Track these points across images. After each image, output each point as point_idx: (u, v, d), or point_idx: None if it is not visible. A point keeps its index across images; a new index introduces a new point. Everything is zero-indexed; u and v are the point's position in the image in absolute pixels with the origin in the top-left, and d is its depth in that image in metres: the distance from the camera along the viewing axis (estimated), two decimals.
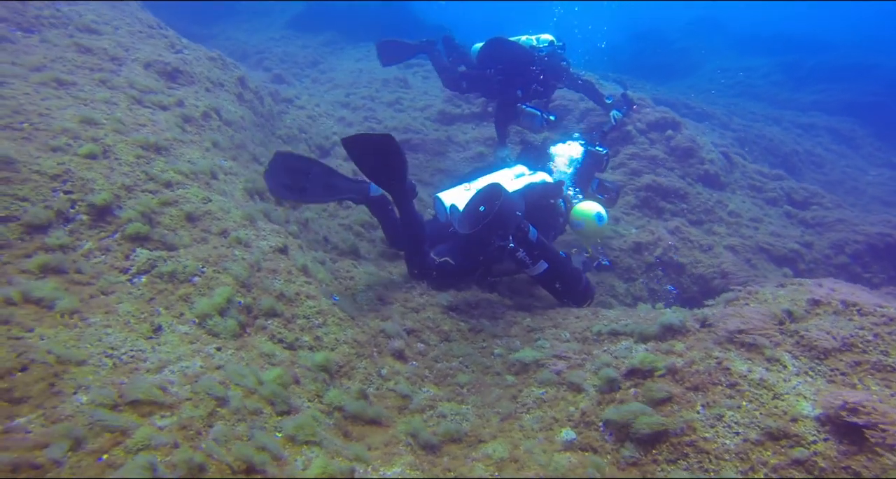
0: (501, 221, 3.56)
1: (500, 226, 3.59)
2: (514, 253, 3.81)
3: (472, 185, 4.22)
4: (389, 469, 2.07)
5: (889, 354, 2.27)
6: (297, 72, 10.30)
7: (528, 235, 3.83)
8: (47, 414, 1.75)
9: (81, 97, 3.81)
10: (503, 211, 3.52)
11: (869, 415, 1.87)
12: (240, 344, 2.54)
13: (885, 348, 2.30)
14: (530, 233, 3.86)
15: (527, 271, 3.94)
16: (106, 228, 2.92)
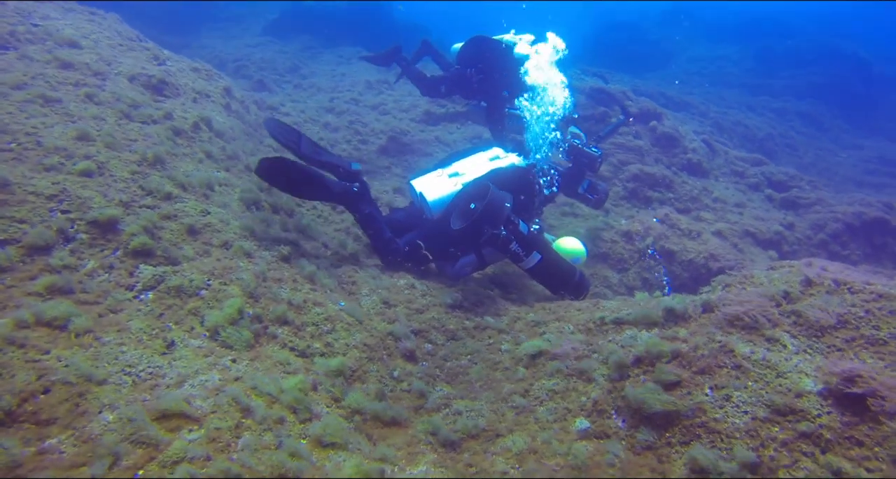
0: (491, 215, 3.79)
1: (490, 219, 3.81)
2: (507, 245, 3.92)
3: (445, 170, 4.28)
4: (415, 468, 2.12)
5: (880, 328, 2.39)
6: (276, 78, 10.23)
7: (518, 228, 3.96)
8: (77, 434, 1.76)
9: (68, 114, 3.77)
10: (491, 205, 3.76)
11: (868, 383, 1.97)
12: (253, 355, 2.56)
13: (876, 323, 2.41)
14: (521, 226, 3.98)
15: (520, 264, 4.05)
16: (107, 245, 2.90)
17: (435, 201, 4.09)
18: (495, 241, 3.89)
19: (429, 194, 4.09)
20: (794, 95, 15.03)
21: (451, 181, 4.22)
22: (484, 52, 6.11)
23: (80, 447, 1.70)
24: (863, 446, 1.91)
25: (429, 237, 4.12)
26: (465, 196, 4.04)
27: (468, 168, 4.35)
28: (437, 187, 4.16)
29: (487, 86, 6.24)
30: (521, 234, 3.95)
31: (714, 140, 8.41)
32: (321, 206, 5.05)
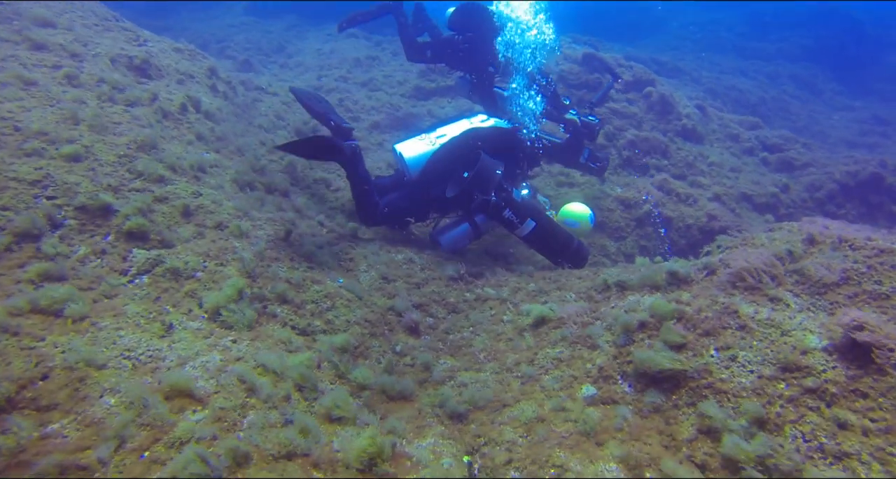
0: (481, 181, 3.87)
1: (481, 186, 3.89)
2: (500, 212, 3.94)
3: (429, 135, 4.26)
4: (423, 441, 2.11)
5: (882, 283, 2.38)
6: (262, 58, 9.98)
7: (511, 195, 3.97)
8: (80, 418, 1.73)
9: (47, 97, 3.64)
10: (481, 171, 3.83)
11: (874, 332, 1.97)
12: (254, 335, 2.52)
13: (878, 278, 2.40)
14: (514, 193, 3.98)
15: (515, 232, 4.05)
16: (97, 231, 2.84)
17: (411, 159, 4.07)
18: (486, 207, 3.90)
19: (406, 153, 4.09)
20: (788, 57, 14.86)
21: (428, 141, 4.21)
22: (474, 19, 5.91)
23: (83, 431, 1.67)
24: (867, 397, 1.91)
25: (409, 198, 4.12)
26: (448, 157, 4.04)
27: (452, 132, 4.29)
28: (414, 147, 4.15)
29: (475, 56, 6.05)
30: (513, 201, 3.96)
31: (708, 105, 8.32)
32: (315, 185, 4.97)
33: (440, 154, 4.07)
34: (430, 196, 4.13)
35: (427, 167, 4.08)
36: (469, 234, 4.18)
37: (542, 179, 5.97)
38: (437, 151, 4.09)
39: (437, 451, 2.03)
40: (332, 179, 5.14)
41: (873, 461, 1.75)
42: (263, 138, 5.52)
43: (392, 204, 4.07)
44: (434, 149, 4.11)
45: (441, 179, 4.08)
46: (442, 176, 4.07)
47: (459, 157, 4.05)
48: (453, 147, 4.10)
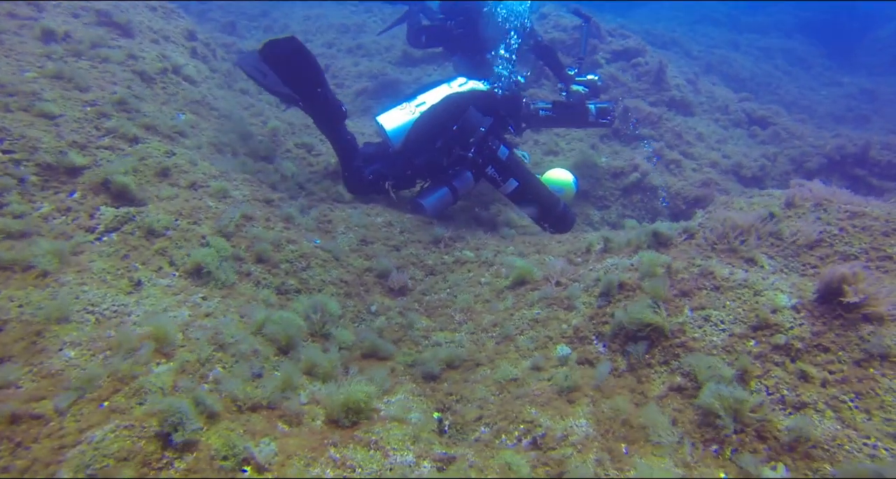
0: (462, 136, 3.90)
1: (461, 140, 3.92)
2: (482, 169, 3.97)
3: (410, 104, 4.19)
4: (393, 397, 2.10)
5: (853, 244, 2.38)
6: (245, 23, 9.63)
7: (496, 153, 3.97)
8: (36, 370, 1.69)
9: (1, 49, 3.47)
10: (464, 126, 3.88)
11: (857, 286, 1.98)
12: (225, 292, 2.48)
13: (848, 240, 2.41)
14: (500, 151, 3.99)
15: (499, 189, 4.10)
16: (61, 188, 2.74)
17: (392, 131, 3.99)
18: (463, 162, 3.92)
19: (387, 125, 4.01)
20: (783, 31, 14.69)
21: (409, 110, 4.13)
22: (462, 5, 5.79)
23: (39, 382, 1.63)
24: (828, 351, 1.93)
25: (393, 167, 4.07)
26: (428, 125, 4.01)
27: (432, 99, 4.19)
28: (395, 117, 4.07)
29: (467, 40, 5.95)
30: (497, 159, 3.96)
31: (698, 78, 8.23)
32: (296, 149, 4.86)
33: (420, 123, 4.02)
34: (415, 165, 4.08)
35: (409, 137, 4.03)
36: (448, 198, 4.15)
37: (528, 148, 5.89)
38: (416, 120, 4.03)
39: (406, 406, 2.03)
40: (315, 144, 5.03)
41: (827, 408, 1.78)
42: (245, 102, 5.37)
43: (377, 172, 4.02)
44: (414, 118, 4.05)
45: (423, 148, 4.04)
46: (424, 145, 4.03)
47: (439, 124, 4.01)
48: (432, 115, 4.05)
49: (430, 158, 4.08)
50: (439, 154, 4.05)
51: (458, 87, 4.34)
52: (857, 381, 1.82)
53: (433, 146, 4.03)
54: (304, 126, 5.51)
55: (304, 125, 5.54)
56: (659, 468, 1.78)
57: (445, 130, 3.98)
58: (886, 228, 2.42)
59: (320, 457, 1.53)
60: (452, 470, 1.61)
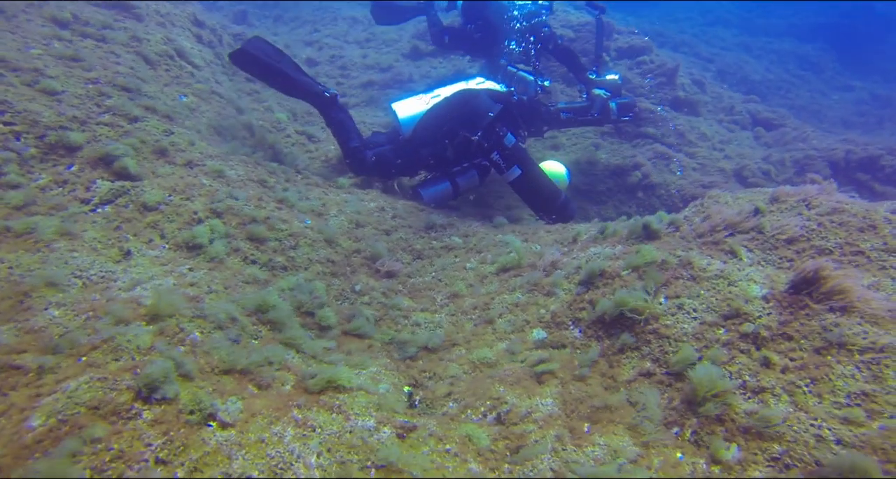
0: (469, 119, 3.97)
1: (468, 124, 3.97)
2: (488, 154, 4.02)
3: (426, 96, 4.31)
4: (364, 370, 2.16)
5: (828, 239, 2.40)
6: (256, 12, 9.74)
7: (503, 139, 4.01)
8: (20, 326, 1.76)
9: (8, 25, 3.56)
10: (474, 111, 3.96)
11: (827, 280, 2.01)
12: (212, 265, 2.55)
13: (825, 235, 2.43)
14: (507, 138, 4.02)
15: (502, 176, 4.14)
16: (59, 161, 2.83)
17: (405, 119, 4.12)
18: (467, 145, 3.97)
19: (400, 113, 4.14)
20: (797, 35, 14.53)
21: (424, 101, 4.24)
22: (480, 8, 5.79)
23: (21, 337, 1.71)
24: (792, 340, 1.96)
25: (397, 152, 4.15)
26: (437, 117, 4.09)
27: (446, 94, 4.29)
28: (409, 107, 4.20)
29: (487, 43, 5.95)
30: (503, 145, 4.00)
31: (706, 79, 8.19)
32: (296, 135, 4.93)
33: (431, 113, 4.11)
34: (421, 154, 4.16)
35: (418, 126, 4.12)
36: (448, 192, 4.22)
37: (529, 143, 5.92)
38: (428, 111, 4.12)
39: (376, 378, 2.09)
40: (315, 132, 5.10)
41: (783, 393, 1.81)
42: (248, 88, 5.45)
43: (380, 154, 4.11)
44: (427, 109, 4.15)
45: (430, 139, 4.11)
46: (432, 135, 4.11)
47: (448, 115, 4.09)
48: (444, 105, 4.13)
49: (436, 149, 4.15)
50: (445, 145, 4.11)
51: (475, 85, 4.42)
52: (815, 367, 1.85)
53: (441, 136, 4.10)
54: (306, 113, 5.58)
55: (307, 112, 5.61)
56: (618, 446, 1.82)
57: (453, 120, 4.06)
58: (862, 224, 2.44)
59: (283, 417, 1.59)
60: (412, 437, 1.66)
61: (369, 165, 4.05)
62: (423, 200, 4.14)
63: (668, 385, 2.11)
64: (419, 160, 4.20)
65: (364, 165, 4.05)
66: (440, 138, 4.12)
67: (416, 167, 4.30)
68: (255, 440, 1.47)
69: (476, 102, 4.07)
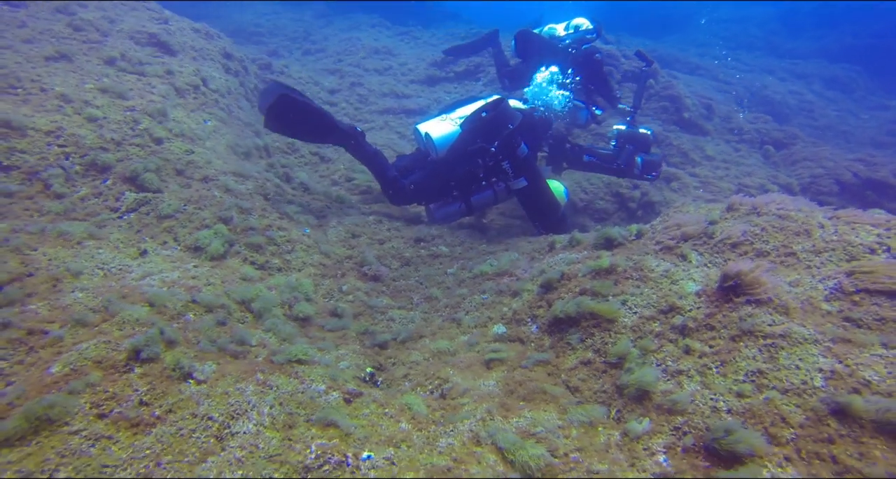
0: (493, 125, 4.05)
1: (491, 130, 4.05)
2: (499, 163, 4.12)
3: (449, 116, 4.37)
4: (335, 352, 2.47)
5: (768, 242, 2.58)
6: (288, 44, 10.54)
7: (516, 150, 4.14)
8: (51, 304, 2.17)
9: (71, 67, 4.18)
10: (497, 117, 4.04)
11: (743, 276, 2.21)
12: (215, 264, 2.94)
13: (766, 239, 2.61)
14: (520, 149, 4.17)
15: (509, 183, 4.25)
16: (98, 176, 3.32)
17: (440, 139, 4.15)
18: (484, 154, 4.05)
19: (434, 133, 4.17)
20: (826, 56, 14.39)
21: (450, 121, 4.28)
22: (529, 44, 5.98)
23: (52, 312, 2.11)
24: (713, 329, 2.16)
25: (435, 177, 4.23)
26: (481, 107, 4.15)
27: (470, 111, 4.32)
28: (442, 127, 4.22)
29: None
30: (515, 155, 4.14)
31: (717, 102, 8.32)
32: (309, 156, 5.40)
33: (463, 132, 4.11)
34: (455, 174, 4.23)
35: (455, 146, 4.15)
36: (462, 212, 4.41)
37: None
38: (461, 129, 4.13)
39: (340, 357, 2.39)
40: (328, 154, 5.56)
41: (696, 374, 2.01)
42: None
43: (417, 182, 4.18)
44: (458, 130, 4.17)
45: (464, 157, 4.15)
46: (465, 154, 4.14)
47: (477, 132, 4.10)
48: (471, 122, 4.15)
49: (471, 168, 4.19)
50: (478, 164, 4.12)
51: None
52: (727, 352, 2.04)
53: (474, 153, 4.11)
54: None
55: None
56: (542, 419, 2.05)
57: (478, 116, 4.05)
58: (800, 228, 2.61)
59: (248, 378, 1.91)
60: (357, 402, 1.95)
61: (409, 194, 4.14)
62: (435, 217, 4.33)
63: (603, 372, 2.33)
64: (455, 181, 4.24)
65: (404, 194, 4.13)
66: (474, 156, 4.16)
67: (451, 190, 4.32)
68: (220, 393, 1.80)
69: (498, 113, 4.08)
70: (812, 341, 2.02)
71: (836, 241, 2.54)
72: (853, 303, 2.18)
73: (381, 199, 4.75)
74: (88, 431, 1.61)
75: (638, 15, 16.14)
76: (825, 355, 1.96)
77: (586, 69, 5.36)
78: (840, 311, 2.16)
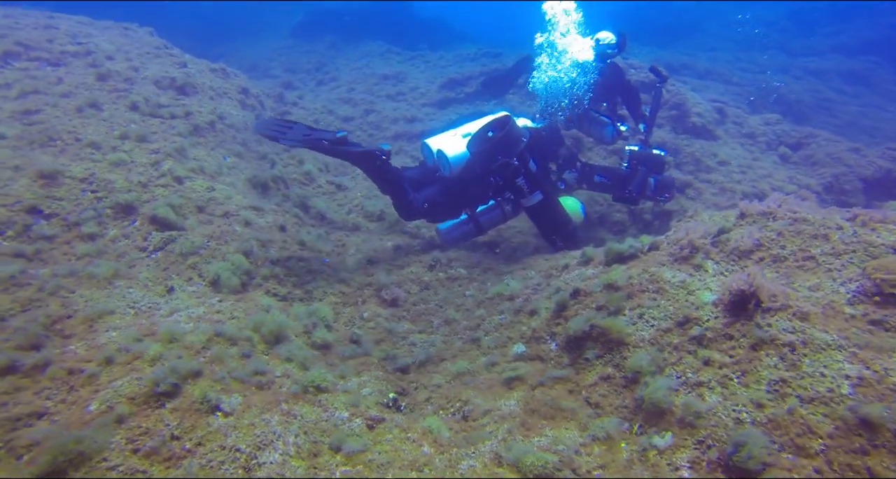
0: (507, 143, 4.03)
1: (506, 147, 4.04)
2: (514, 180, 4.10)
3: (457, 130, 4.35)
4: (358, 378, 2.52)
5: (786, 247, 2.56)
6: (302, 76, 10.90)
7: (528, 164, 4.15)
8: (89, 343, 2.29)
9: (102, 116, 4.43)
10: (509, 135, 4.02)
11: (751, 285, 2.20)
12: (239, 297, 3.05)
13: (783, 243, 2.59)
14: (531, 163, 4.18)
15: (522, 200, 4.23)
16: (127, 218, 3.49)
17: (455, 157, 4.09)
18: (506, 169, 4.04)
19: (448, 151, 4.09)
20: (843, 52, 14.17)
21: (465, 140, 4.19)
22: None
23: (89, 351, 2.23)
24: (732, 339, 2.14)
25: (447, 194, 4.21)
26: (485, 126, 4.13)
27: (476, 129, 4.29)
28: (456, 145, 4.14)
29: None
30: (529, 170, 4.16)
31: (729, 105, 8.26)
32: (326, 185, 5.55)
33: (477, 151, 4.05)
34: (469, 192, 4.22)
35: (470, 164, 4.09)
36: (472, 232, 4.43)
37: None
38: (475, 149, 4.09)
39: (362, 383, 2.44)
40: (344, 182, 5.71)
41: (717, 385, 2.00)
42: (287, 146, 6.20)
43: (430, 200, 4.14)
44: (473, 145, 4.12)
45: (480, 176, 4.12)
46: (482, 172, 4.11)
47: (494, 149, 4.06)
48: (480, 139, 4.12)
49: (484, 185, 4.18)
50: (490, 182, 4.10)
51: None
52: (747, 361, 2.02)
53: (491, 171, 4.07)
54: (339, 164, 6.24)
55: (340, 163, 6.27)
56: (564, 437, 2.06)
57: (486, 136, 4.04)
58: (817, 231, 2.58)
59: (273, 408, 1.97)
60: (380, 428, 2.00)
61: (422, 212, 4.11)
62: (447, 241, 4.36)
63: (624, 387, 2.32)
64: (467, 199, 4.24)
65: (418, 212, 4.10)
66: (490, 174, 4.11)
67: (462, 207, 4.31)
68: (247, 424, 1.86)
69: (510, 128, 4.08)
70: (836, 346, 1.99)
71: (855, 242, 2.50)
72: (878, 305, 2.14)
73: (397, 225, 4.85)
74: (125, 466, 1.69)
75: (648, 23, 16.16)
76: (851, 361, 1.93)
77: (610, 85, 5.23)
78: (864, 314, 2.12)
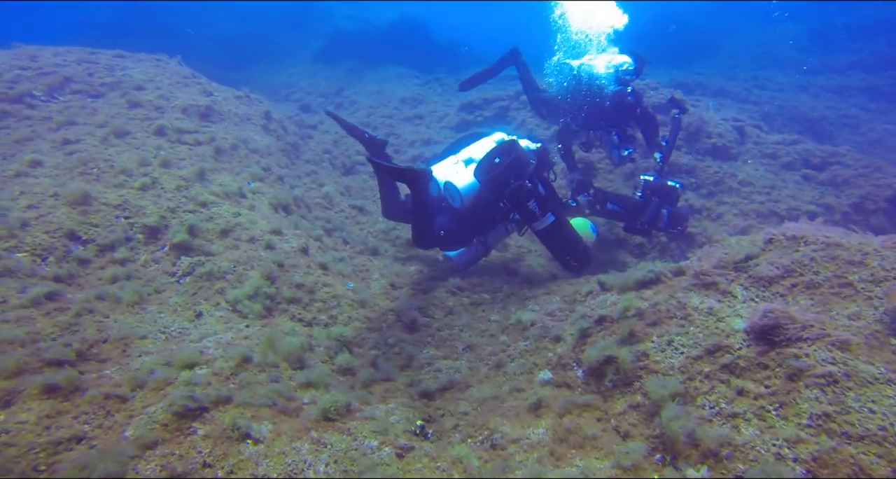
0: (517, 167, 4.07)
1: (516, 170, 4.08)
2: (526, 203, 4.07)
3: (458, 156, 4.35)
4: (384, 405, 2.52)
5: (819, 273, 2.51)
6: (322, 100, 11.15)
7: (538, 187, 4.15)
8: (122, 368, 2.34)
9: (135, 143, 4.59)
10: (518, 159, 4.07)
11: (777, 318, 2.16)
12: (265, 322, 3.09)
13: (816, 269, 2.54)
14: (539, 187, 4.17)
15: (534, 224, 4.19)
16: (157, 243, 3.58)
17: (466, 189, 4.05)
18: (519, 192, 4.03)
19: (458, 183, 4.05)
20: (865, 69, 14.02)
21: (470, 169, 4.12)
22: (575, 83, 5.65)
23: (123, 375, 2.27)
24: (767, 368, 2.10)
25: (461, 223, 4.20)
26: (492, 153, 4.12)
27: (479, 153, 4.31)
28: (463, 175, 4.10)
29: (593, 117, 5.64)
30: (539, 193, 4.16)
31: (749, 125, 8.22)
32: (349, 209, 5.63)
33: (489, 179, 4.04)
34: (480, 220, 4.23)
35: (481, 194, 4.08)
36: (480, 253, 4.46)
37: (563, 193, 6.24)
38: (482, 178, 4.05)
39: (389, 410, 2.44)
40: (366, 206, 5.78)
41: (754, 417, 1.95)
42: (309, 169, 6.33)
43: (446, 229, 4.13)
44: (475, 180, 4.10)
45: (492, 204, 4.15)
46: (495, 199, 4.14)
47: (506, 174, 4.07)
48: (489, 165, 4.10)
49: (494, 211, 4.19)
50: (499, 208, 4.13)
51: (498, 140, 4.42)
52: (785, 393, 1.98)
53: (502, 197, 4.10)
54: (360, 189, 6.34)
55: (361, 188, 6.37)
56: (595, 468, 2.02)
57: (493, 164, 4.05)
58: (853, 257, 2.54)
59: (303, 436, 1.98)
60: (409, 456, 1.99)
61: (438, 241, 4.10)
62: (459, 265, 4.39)
63: (654, 415, 2.28)
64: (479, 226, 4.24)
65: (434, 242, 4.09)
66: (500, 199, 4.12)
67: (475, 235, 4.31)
68: (277, 452, 1.87)
69: (517, 152, 4.08)
70: (885, 380, 1.92)
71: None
72: None
73: (419, 250, 4.86)
74: None
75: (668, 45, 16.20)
76: None
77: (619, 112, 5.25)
78: None
